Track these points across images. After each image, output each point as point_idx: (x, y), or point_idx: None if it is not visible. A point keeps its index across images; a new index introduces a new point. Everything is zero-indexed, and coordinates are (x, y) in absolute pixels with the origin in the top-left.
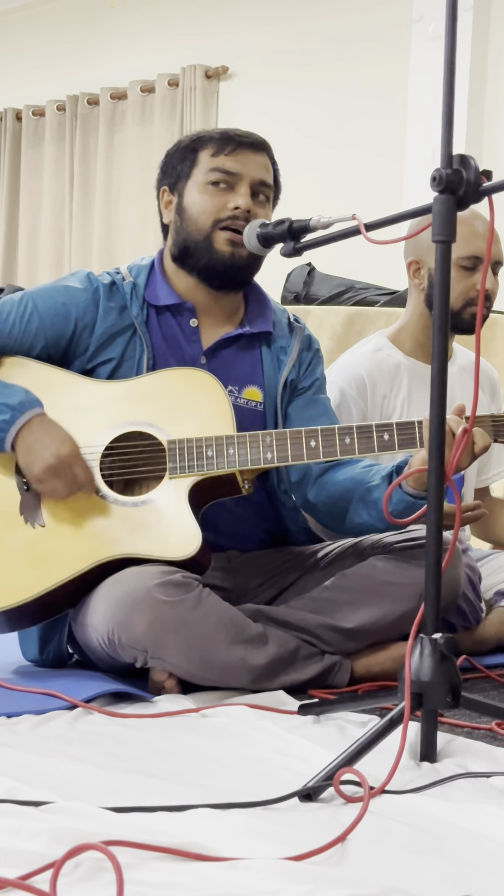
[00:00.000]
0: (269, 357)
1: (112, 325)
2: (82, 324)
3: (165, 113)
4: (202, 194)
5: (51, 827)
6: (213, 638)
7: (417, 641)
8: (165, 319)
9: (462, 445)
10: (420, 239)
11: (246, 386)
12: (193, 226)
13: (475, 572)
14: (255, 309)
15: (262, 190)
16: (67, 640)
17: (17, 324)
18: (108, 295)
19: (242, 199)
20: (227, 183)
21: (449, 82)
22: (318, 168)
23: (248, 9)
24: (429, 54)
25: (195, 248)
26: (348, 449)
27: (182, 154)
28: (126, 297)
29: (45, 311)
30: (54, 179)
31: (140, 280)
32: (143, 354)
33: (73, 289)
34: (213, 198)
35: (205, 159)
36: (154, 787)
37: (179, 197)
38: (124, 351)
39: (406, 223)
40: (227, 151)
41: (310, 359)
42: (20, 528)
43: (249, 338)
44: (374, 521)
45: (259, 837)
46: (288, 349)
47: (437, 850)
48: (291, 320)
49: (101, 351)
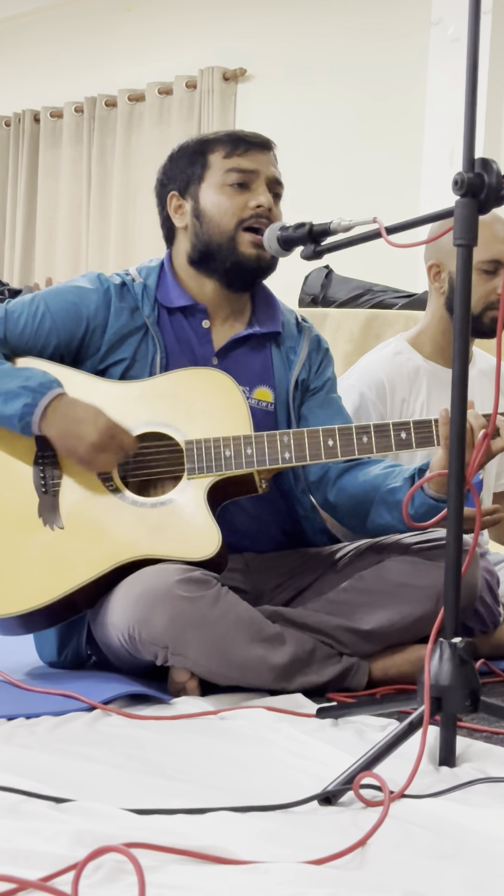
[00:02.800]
0: (278, 357)
1: (124, 326)
2: (94, 324)
3: (183, 115)
4: (220, 196)
5: (70, 828)
6: (233, 635)
7: (437, 645)
8: (177, 320)
9: (483, 449)
10: (441, 242)
11: (257, 386)
12: (216, 228)
13: (493, 576)
14: (263, 309)
15: (275, 188)
16: (86, 641)
17: (29, 324)
18: (120, 295)
19: (263, 196)
20: (245, 182)
21: (471, 85)
22: (335, 170)
23: (265, 11)
24: (447, 56)
25: (219, 251)
26: (366, 448)
27: (190, 158)
28: (137, 297)
29: (57, 312)
30: (72, 181)
31: (150, 281)
32: (155, 354)
33: (84, 289)
34: (233, 198)
35: (217, 161)
36: (173, 790)
37: (195, 201)
38: (136, 351)
39: (426, 226)
40: (239, 152)
41: (320, 359)
42: (39, 531)
43: (259, 338)
44: (396, 522)
45: (279, 841)
46: (297, 349)
47: (458, 854)
48: (299, 320)
49: (113, 351)
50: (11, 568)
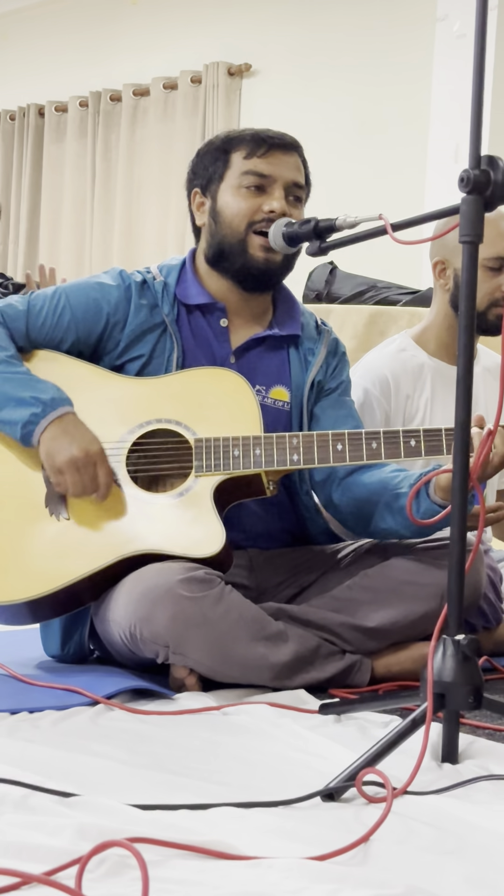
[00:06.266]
0: (296, 358)
1: (143, 323)
2: (114, 320)
3: (188, 110)
4: (235, 197)
5: (74, 823)
6: (235, 634)
7: (440, 642)
8: (196, 319)
9: (487, 447)
10: (446, 239)
11: (273, 386)
12: (228, 229)
13: (496, 573)
14: (283, 311)
15: (294, 191)
16: (89, 635)
17: (49, 317)
18: (140, 292)
19: (277, 202)
20: (261, 186)
21: (478, 81)
22: (339, 165)
23: (271, 6)
24: (453, 53)
25: (230, 252)
26: (375, 454)
27: (214, 156)
28: (157, 295)
29: (78, 306)
30: (76, 175)
31: (171, 279)
32: (172, 352)
33: (105, 285)
34: (247, 201)
35: (237, 161)
36: (176, 784)
37: (213, 200)
38: (154, 348)
39: (431, 223)
40: (259, 153)
41: (336, 362)
42: (45, 521)
43: (278, 339)
44: (400, 527)
45: (282, 836)
46: (315, 351)
47: (461, 851)
48: (319, 323)
49: (132, 347)
50: (17, 556)
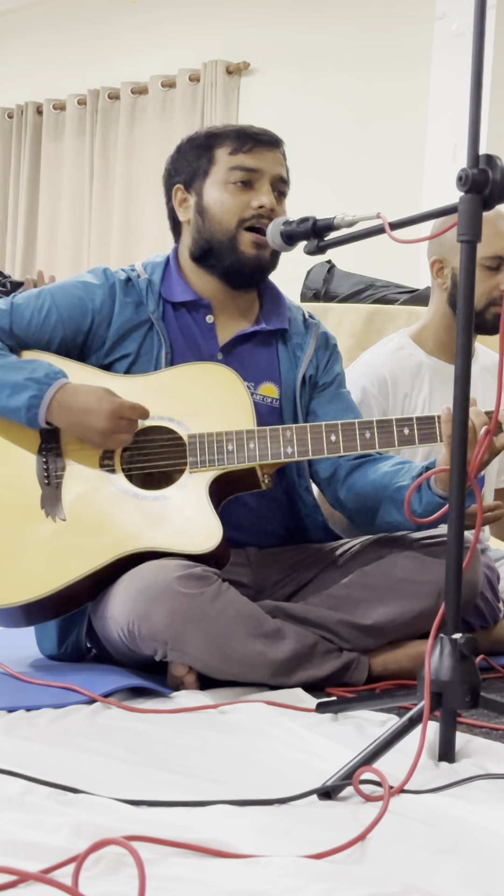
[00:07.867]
0: (285, 354)
1: (128, 320)
2: (99, 318)
3: (186, 108)
4: (224, 193)
5: (71, 821)
6: (233, 631)
7: (437, 641)
8: (181, 316)
9: (485, 446)
10: (444, 238)
11: (262, 382)
12: (218, 226)
13: (493, 572)
14: (270, 306)
15: (279, 186)
16: (86, 633)
17: (35, 317)
18: (125, 290)
19: (266, 197)
20: (248, 181)
21: (476, 80)
22: (337, 164)
23: (269, 5)
24: (451, 51)
25: (219, 248)
26: (368, 443)
27: (197, 152)
28: (142, 292)
29: (63, 305)
30: (74, 173)
31: (155, 277)
32: (160, 350)
33: (89, 284)
34: (236, 196)
35: (223, 157)
36: (173, 783)
37: (198, 196)
38: (140, 346)
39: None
40: (245, 149)
41: (328, 356)
42: (41, 522)
43: (265, 335)
44: (404, 519)
45: (279, 835)
46: (304, 346)
47: (458, 849)
48: (306, 317)
49: (118, 346)
50: (13, 559)
